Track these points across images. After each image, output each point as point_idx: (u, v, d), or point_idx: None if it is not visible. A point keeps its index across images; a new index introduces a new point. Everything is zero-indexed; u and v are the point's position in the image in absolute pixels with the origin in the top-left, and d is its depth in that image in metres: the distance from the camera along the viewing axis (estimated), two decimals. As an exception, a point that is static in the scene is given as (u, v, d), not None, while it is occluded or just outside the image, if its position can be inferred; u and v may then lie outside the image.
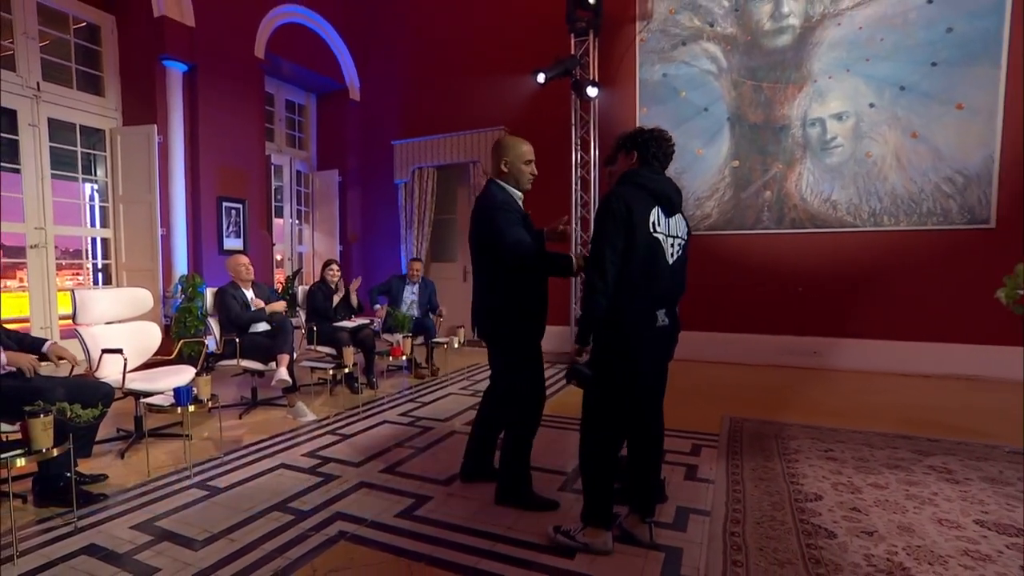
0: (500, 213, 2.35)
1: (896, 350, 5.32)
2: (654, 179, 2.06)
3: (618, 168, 2.22)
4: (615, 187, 2.07)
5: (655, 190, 2.04)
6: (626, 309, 1.97)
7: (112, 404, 2.78)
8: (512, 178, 2.48)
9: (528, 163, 2.50)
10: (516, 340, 2.44)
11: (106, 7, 5.38)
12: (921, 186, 5.28)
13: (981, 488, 2.63)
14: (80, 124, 5.23)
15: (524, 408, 2.47)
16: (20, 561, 2.00)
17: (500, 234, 2.31)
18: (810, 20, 5.61)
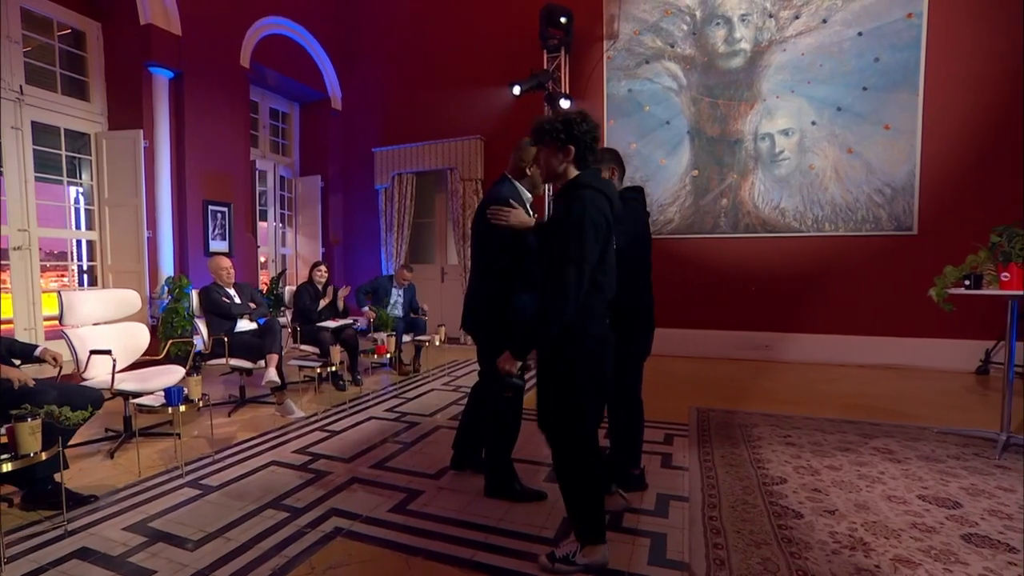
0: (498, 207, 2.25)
1: (836, 343, 5.48)
2: (608, 184, 1.82)
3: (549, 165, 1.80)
4: (580, 192, 1.69)
5: (611, 196, 1.77)
6: (588, 322, 1.73)
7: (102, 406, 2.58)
8: (530, 180, 2.41)
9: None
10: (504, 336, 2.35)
11: (91, 14, 5.04)
12: (856, 196, 5.45)
13: (919, 466, 2.71)
14: (65, 128, 4.88)
15: (509, 407, 2.39)
16: (8, 567, 1.82)
17: (492, 233, 2.23)
18: (759, 45, 5.72)
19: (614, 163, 2.46)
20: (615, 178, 2.47)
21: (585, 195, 1.66)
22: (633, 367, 2.43)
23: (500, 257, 2.27)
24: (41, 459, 1.95)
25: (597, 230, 1.65)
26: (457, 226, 6.92)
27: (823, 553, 1.89)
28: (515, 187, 2.38)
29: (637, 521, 2.16)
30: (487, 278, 2.35)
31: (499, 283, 2.30)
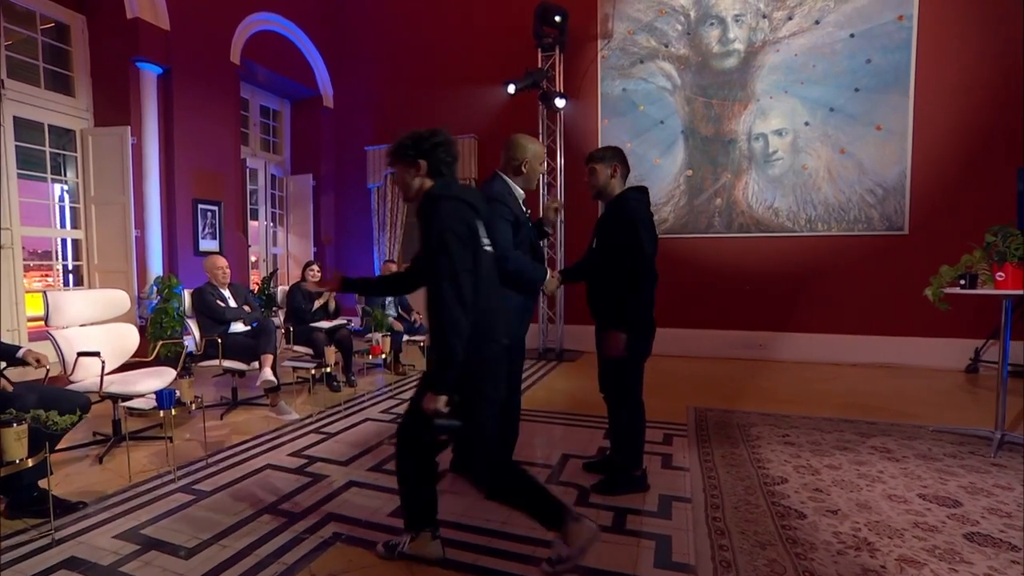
0: (495, 207, 2.20)
1: (829, 342, 5.52)
2: (465, 190, 1.74)
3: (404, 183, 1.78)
4: (435, 205, 1.63)
5: (473, 202, 1.71)
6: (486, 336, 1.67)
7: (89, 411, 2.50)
8: (524, 178, 2.36)
9: (542, 164, 2.42)
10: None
11: (76, 7, 4.92)
12: (849, 196, 5.49)
13: (917, 464, 2.72)
14: (49, 124, 4.76)
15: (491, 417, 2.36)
16: (-6, 580, 1.75)
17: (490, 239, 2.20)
18: (753, 46, 5.74)
19: (617, 161, 2.43)
20: (617, 176, 2.44)
21: (441, 207, 1.62)
22: (633, 368, 2.41)
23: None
24: (27, 466, 1.88)
25: (461, 239, 1.60)
26: (451, 225, 6.86)
27: (828, 554, 1.88)
28: (507, 184, 2.34)
29: (640, 523, 2.14)
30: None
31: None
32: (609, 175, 2.43)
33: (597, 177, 2.44)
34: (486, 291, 1.68)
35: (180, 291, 4.24)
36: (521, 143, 2.36)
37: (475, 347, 1.63)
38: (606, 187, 2.44)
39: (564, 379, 5.00)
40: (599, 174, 2.43)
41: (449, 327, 1.55)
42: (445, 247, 1.56)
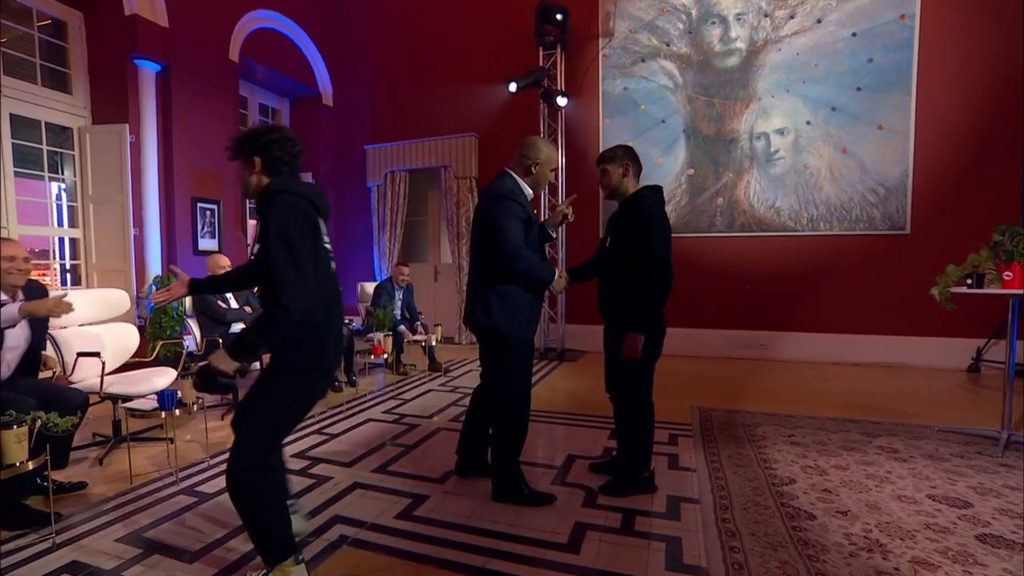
0: (508, 204, 2.20)
1: (831, 341, 5.51)
2: (306, 186, 1.70)
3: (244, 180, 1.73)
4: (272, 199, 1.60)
5: (313, 198, 1.67)
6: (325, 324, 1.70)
7: (88, 410, 2.46)
8: (533, 179, 2.35)
9: (553, 171, 2.42)
10: (514, 339, 2.27)
11: (73, 3, 4.87)
12: (851, 196, 5.48)
13: (925, 465, 2.70)
14: (46, 121, 4.71)
15: (516, 407, 2.33)
16: (-6, 585, 1.72)
17: (501, 234, 2.17)
18: (755, 45, 5.73)
19: (628, 159, 2.41)
20: (630, 175, 2.42)
21: (277, 200, 1.60)
22: (645, 368, 2.39)
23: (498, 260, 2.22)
24: (28, 468, 1.85)
25: (301, 231, 1.60)
26: (451, 224, 6.84)
27: (841, 556, 1.86)
28: (517, 183, 2.32)
29: (650, 525, 2.12)
30: (494, 275, 2.26)
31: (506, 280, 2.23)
32: (621, 174, 2.41)
33: (610, 178, 2.42)
34: (324, 286, 1.68)
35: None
36: (537, 144, 2.34)
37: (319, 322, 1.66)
38: (620, 186, 2.42)
39: (566, 379, 4.98)
40: (611, 174, 2.41)
41: (284, 317, 1.52)
42: (285, 239, 1.55)
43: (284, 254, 1.54)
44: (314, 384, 1.72)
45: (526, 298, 2.27)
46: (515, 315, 2.24)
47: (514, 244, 2.18)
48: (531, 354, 2.41)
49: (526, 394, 2.36)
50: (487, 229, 2.22)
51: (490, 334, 2.27)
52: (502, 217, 2.19)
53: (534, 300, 2.33)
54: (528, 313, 2.31)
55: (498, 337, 2.25)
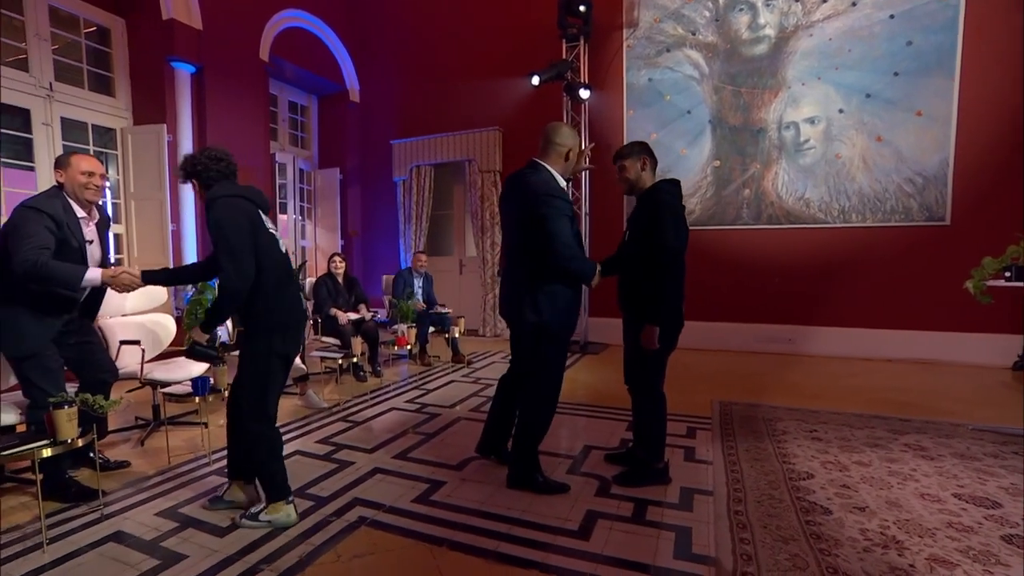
0: (556, 203, 2.21)
1: (862, 337, 5.36)
2: (241, 188, 2.09)
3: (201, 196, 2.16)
4: (216, 203, 1.99)
5: (250, 197, 2.07)
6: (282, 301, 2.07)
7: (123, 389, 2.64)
8: (567, 167, 2.37)
9: (579, 156, 2.43)
10: (563, 335, 2.33)
11: (116, 10, 5.12)
12: (885, 186, 5.30)
13: (953, 464, 2.63)
14: (92, 123, 4.98)
15: (545, 400, 2.39)
16: (49, 548, 1.88)
17: (555, 235, 2.18)
18: (784, 31, 5.57)
19: (645, 154, 2.43)
20: (647, 169, 2.44)
21: (214, 204, 1.99)
22: (657, 361, 2.40)
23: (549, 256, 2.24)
24: (78, 445, 2.01)
25: (238, 225, 1.95)
26: (476, 218, 6.91)
27: (854, 551, 1.85)
28: (553, 176, 2.32)
29: (661, 515, 2.14)
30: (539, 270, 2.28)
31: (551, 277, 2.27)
32: (639, 169, 2.43)
33: (628, 173, 2.44)
34: (280, 279, 2.06)
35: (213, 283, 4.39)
36: (565, 130, 2.36)
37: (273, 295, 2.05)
38: (637, 181, 2.44)
39: (588, 371, 5.00)
40: (629, 170, 2.44)
41: (227, 295, 1.96)
42: (222, 232, 1.93)
43: (222, 244, 1.94)
44: (280, 341, 2.07)
45: (570, 293, 2.31)
46: (563, 311, 2.30)
47: (568, 245, 2.20)
48: (568, 346, 2.46)
49: (559, 388, 2.42)
50: (537, 228, 2.21)
51: (540, 331, 2.31)
52: (554, 217, 2.18)
53: (576, 295, 2.37)
54: (574, 308, 2.37)
55: (548, 333, 2.30)
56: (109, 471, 2.54)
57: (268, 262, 2.02)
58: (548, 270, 2.25)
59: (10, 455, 1.90)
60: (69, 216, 2.24)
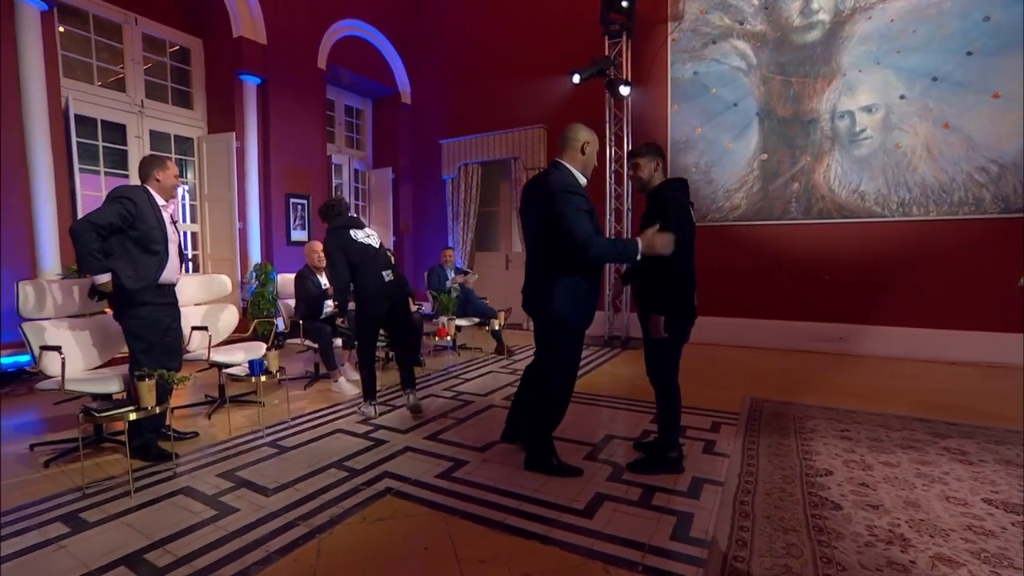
0: (572, 198, 2.27)
1: (922, 337, 5.06)
2: (347, 221, 3.42)
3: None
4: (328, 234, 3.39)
5: (346, 224, 3.40)
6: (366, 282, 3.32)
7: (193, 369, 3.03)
8: (585, 161, 2.45)
9: (596, 154, 2.52)
10: (570, 324, 2.43)
11: (195, 32, 5.72)
12: (952, 176, 4.97)
13: (994, 469, 2.53)
14: (174, 134, 5.61)
15: (560, 388, 2.52)
16: (135, 495, 2.27)
17: (571, 230, 2.26)
18: (840, 15, 5.33)
19: (659, 157, 2.54)
20: (659, 170, 2.53)
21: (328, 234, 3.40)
22: (669, 352, 2.49)
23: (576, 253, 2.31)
24: (155, 412, 2.38)
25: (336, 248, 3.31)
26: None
27: (855, 544, 1.87)
28: (572, 174, 2.41)
29: (667, 500, 2.24)
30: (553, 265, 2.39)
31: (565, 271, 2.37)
32: (652, 169, 2.53)
33: (641, 171, 2.54)
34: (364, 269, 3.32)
35: (274, 276, 4.85)
36: (580, 126, 2.47)
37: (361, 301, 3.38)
38: (650, 180, 2.54)
39: (626, 365, 5.06)
40: (643, 168, 2.54)
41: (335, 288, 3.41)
42: (326, 253, 3.37)
43: (327, 260, 3.37)
44: (369, 311, 3.37)
45: (586, 286, 2.42)
46: (578, 304, 2.40)
47: (586, 233, 2.26)
48: (583, 339, 2.57)
49: (573, 376, 2.54)
50: (550, 221, 2.31)
51: (555, 322, 2.43)
52: (570, 214, 2.26)
53: (592, 288, 2.46)
54: (590, 300, 2.46)
55: (563, 324, 2.42)
56: (183, 440, 2.94)
57: (357, 259, 3.28)
58: (569, 264, 2.36)
59: (106, 417, 2.31)
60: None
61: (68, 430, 3.09)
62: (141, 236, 2.66)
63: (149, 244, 2.68)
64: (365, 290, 3.29)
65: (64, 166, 4.47)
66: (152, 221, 2.69)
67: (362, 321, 3.38)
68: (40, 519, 2.09)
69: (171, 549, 1.86)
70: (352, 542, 1.92)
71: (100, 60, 5.07)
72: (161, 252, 2.73)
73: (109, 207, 2.60)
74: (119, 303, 2.69)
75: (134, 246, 2.66)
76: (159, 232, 2.72)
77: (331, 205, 3.51)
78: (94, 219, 2.54)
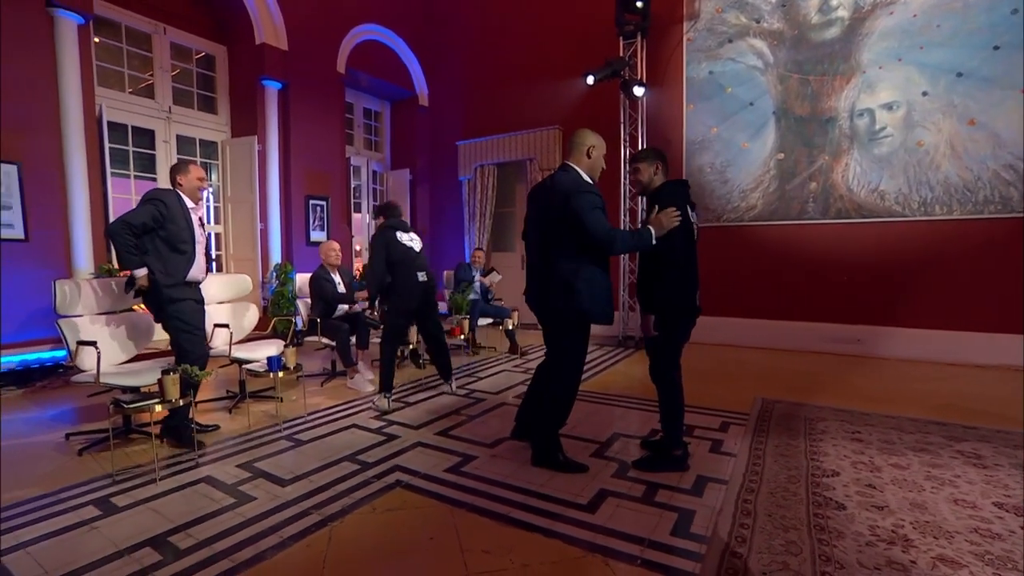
0: (587, 197, 2.38)
1: (946, 339, 4.96)
2: (397, 223, 3.77)
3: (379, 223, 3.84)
4: (378, 232, 3.74)
5: (396, 225, 3.74)
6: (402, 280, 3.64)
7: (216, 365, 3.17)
8: (591, 163, 2.55)
9: (603, 156, 2.61)
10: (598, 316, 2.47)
11: (219, 40, 5.93)
12: (978, 174, 4.86)
13: (1009, 473, 2.50)
14: (199, 138, 5.82)
15: (571, 383, 2.58)
16: (160, 482, 2.41)
17: (591, 226, 2.35)
18: (860, 11, 5.26)
19: (659, 160, 2.60)
20: (659, 173, 2.58)
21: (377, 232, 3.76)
22: (667, 351, 2.53)
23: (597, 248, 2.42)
24: (179, 404, 2.52)
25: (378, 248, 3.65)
26: (533, 215, 7.13)
27: (855, 544, 1.89)
28: (581, 175, 2.51)
29: (670, 497, 2.27)
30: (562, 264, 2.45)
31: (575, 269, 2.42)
32: (652, 172, 2.59)
33: (641, 175, 2.62)
34: (402, 268, 3.65)
35: (293, 276, 5.00)
36: (586, 130, 2.57)
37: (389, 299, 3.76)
38: (650, 183, 2.60)
39: (639, 365, 5.07)
40: (642, 172, 2.61)
41: (369, 282, 3.74)
42: (372, 250, 3.70)
43: (369, 258, 3.69)
44: (400, 306, 3.69)
45: (604, 278, 2.49)
46: (598, 296, 2.45)
47: (607, 230, 2.36)
48: (588, 336, 2.61)
49: (577, 373, 2.60)
50: (573, 222, 2.39)
51: (571, 315, 2.48)
52: (586, 210, 2.36)
53: (607, 279, 2.52)
54: (608, 291, 2.51)
55: (579, 317, 2.47)
56: (205, 432, 3.08)
57: (397, 258, 3.63)
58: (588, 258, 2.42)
59: (134, 409, 2.45)
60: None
61: (100, 421, 3.27)
62: (170, 236, 2.84)
63: (177, 244, 2.87)
64: (400, 286, 3.62)
65: (97, 171, 4.69)
66: (181, 222, 2.89)
67: (393, 314, 3.70)
68: (74, 503, 2.24)
69: (193, 533, 1.98)
70: (361, 531, 2.01)
71: (131, 68, 5.31)
72: (189, 251, 2.91)
73: (143, 208, 2.80)
74: (158, 301, 2.84)
75: (163, 245, 2.84)
76: (187, 232, 2.91)
77: (388, 206, 3.88)
78: (128, 219, 2.74)
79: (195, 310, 2.96)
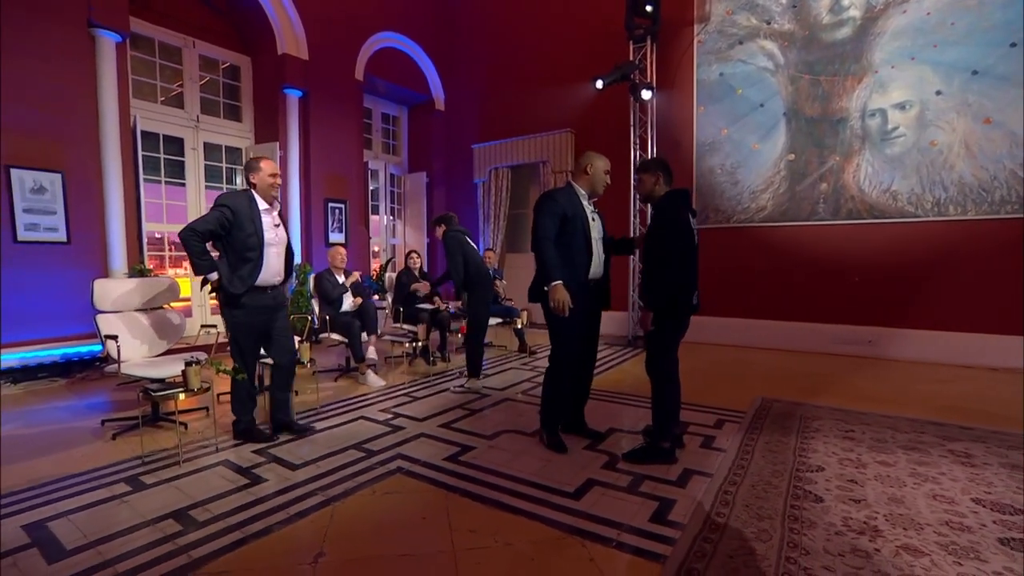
0: (545, 203, 2.72)
1: (959, 341, 4.91)
2: (460, 229, 4.28)
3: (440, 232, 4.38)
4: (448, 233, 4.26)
5: (461, 230, 4.26)
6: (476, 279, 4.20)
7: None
8: (589, 180, 2.82)
9: (607, 173, 2.87)
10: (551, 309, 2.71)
11: (244, 51, 6.26)
12: (993, 173, 4.80)
13: (996, 472, 2.54)
14: (225, 145, 6.15)
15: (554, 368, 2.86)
16: (183, 464, 2.65)
17: (535, 227, 2.71)
18: (872, 10, 5.25)
19: (660, 170, 2.75)
20: (660, 183, 2.72)
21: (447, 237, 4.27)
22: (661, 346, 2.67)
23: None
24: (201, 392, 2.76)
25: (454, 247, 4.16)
26: (546, 217, 7.27)
27: (825, 533, 1.98)
28: (571, 187, 2.84)
29: (654, 488, 2.40)
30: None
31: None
32: (654, 183, 2.75)
33: (644, 185, 2.80)
34: (474, 268, 4.17)
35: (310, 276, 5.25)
36: (589, 153, 2.89)
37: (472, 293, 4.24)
38: (652, 193, 2.77)
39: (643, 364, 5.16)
40: (645, 182, 2.78)
41: (455, 279, 4.15)
42: (447, 251, 4.17)
43: (448, 257, 4.17)
44: (483, 297, 4.25)
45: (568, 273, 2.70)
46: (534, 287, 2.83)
47: (542, 237, 2.66)
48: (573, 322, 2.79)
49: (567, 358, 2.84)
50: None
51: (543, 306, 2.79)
52: (537, 212, 2.73)
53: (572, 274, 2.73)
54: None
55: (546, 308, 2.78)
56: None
57: (470, 257, 4.15)
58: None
59: (160, 397, 2.70)
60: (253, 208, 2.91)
61: (132, 409, 3.55)
62: (235, 242, 2.81)
63: (243, 251, 2.81)
64: (476, 283, 4.16)
65: (131, 177, 5.03)
66: (248, 227, 2.81)
67: (476, 304, 4.20)
68: (107, 480, 2.49)
69: (210, 508, 2.20)
70: (361, 510, 2.20)
71: (163, 80, 5.66)
72: (255, 259, 2.83)
73: (211, 214, 2.79)
74: (222, 300, 2.92)
75: (230, 251, 2.83)
76: (255, 239, 2.82)
77: (451, 217, 4.48)
78: (196, 226, 2.75)
79: (244, 324, 2.91)
